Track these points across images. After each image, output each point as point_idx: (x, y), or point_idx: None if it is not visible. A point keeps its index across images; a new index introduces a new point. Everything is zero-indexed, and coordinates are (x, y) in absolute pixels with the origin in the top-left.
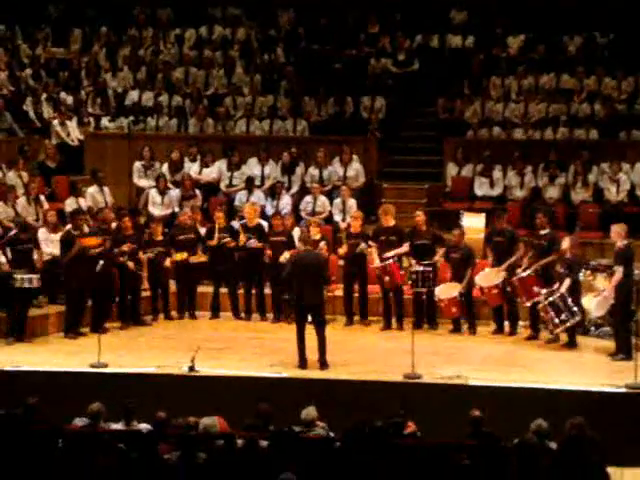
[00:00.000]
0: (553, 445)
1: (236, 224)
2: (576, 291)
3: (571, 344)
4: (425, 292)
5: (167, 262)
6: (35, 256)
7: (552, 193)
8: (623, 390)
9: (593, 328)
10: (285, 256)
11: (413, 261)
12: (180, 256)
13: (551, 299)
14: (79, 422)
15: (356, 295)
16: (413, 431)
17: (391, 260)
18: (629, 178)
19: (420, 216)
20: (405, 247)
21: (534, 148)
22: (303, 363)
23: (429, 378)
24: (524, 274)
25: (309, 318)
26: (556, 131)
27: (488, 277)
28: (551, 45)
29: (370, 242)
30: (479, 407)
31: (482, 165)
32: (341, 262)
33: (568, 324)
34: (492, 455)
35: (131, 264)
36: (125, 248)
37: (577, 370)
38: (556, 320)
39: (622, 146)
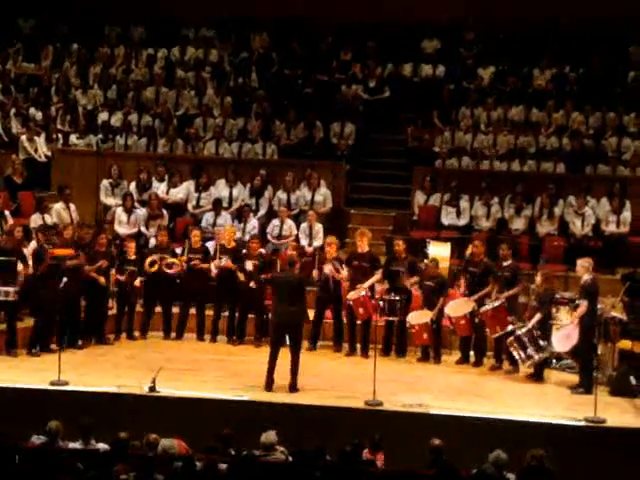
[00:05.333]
0: (511, 476)
1: (210, 245)
2: (547, 325)
3: (538, 377)
4: (396, 321)
5: (137, 282)
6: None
7: (518, 225)
8: (582, 423)
9: (554, 361)
10: (248, 266)
11: (386, 287)
12: (152, 268)
13: (518, 333)
14: (36, 440)
15: (327, 321)
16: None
17: (364, 292)
18: (594, 212)
19: (400, 245)
20: (378, 275)
21: (501, 179)
22: (270, 385)
23: (390, 405)
24: (496, 303)
25: (287, 340)
26: (523, 163)
27: (457, 307)
28: (521, 78)
29: (342, 266)
30: (439, 436)
31: (449, 194)
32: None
33: (536, 359)
34: None
35: (102, 279)
36: (100, 264)
37: (538, 402)
38: (522, 355)
39: (588, 180)
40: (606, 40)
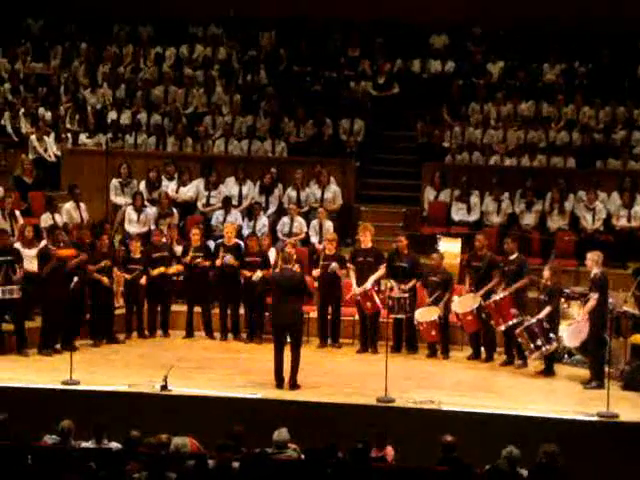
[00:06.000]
0: (524, 472)
1: (212, 243)
2: (555, 319)
3: (548, 371)
4: (404, 318)
5: (143, 280)
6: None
7: (528, 220)
8: (595, 418)
9: (566, 356)
10: (258, 274)
11: (393, 283)
12: (157, 271)
13: (527, 324)
14: (49, 439)
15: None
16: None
17: (369, 285)
18: (605, 207)
19: (402, 241)
20: (382, 269)
21: (511, 175)
22: (280, 382)
23: (402, 402)
24: (499, 296)
25: (287, 338)
26: (533, 158)
27: (463, 303)
28: (531, 72)
29: (348, 264)
30: (452, 432)
31: (459, 190)
32: (316, 284)
33: (544, 350)
34: None
35: (106, 279)
36: (103, 264)
37: (550, 397)
38: (531, 346)
39: (599, 175)
40: (615, 35)
